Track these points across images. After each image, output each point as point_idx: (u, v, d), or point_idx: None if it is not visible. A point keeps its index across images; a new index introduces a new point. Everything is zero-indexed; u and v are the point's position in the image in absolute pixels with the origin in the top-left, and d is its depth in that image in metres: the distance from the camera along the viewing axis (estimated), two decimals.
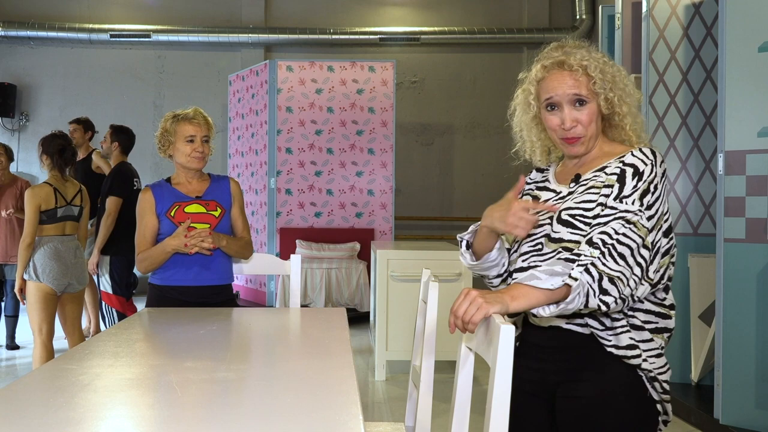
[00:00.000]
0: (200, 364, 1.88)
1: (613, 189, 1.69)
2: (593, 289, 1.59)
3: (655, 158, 1.73)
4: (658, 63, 4.71)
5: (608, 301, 1.60)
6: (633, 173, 1.70)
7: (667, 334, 1.78)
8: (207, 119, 3.01)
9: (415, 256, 5.00)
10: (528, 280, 1.59)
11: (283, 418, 1.42)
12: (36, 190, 4.08)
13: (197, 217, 2.92)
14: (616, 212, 1.66)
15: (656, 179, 1.70)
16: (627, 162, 1.72)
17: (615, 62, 1.82)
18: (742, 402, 3.68)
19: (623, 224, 1.64)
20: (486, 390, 1.47)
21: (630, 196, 1.67)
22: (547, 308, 1.60)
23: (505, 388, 1.42)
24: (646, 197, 1.68)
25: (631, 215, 1.65)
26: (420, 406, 2.16)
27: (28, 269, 4.03)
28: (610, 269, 1.60)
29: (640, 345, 1.71)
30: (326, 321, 2.62)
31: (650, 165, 1.71)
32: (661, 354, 1.75)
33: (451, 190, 9.52)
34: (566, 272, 1.58)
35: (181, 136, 2.93)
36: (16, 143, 9.07)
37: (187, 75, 9.40)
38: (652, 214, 1.68)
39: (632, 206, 1.66)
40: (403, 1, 9.54)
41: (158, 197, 2.94)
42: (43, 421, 1.37)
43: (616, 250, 1.61)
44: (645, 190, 1.68)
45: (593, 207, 1.71)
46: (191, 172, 2.98)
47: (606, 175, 1.73)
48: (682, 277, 4.61)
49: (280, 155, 7.44)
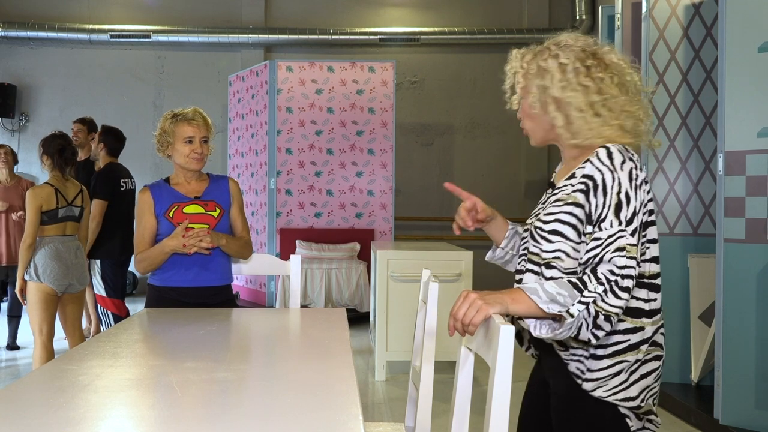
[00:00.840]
0: (200, 364, 1.88)
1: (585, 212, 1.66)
2: (587, 323, 1.58)
3: (613, 160, 1.66)
4: (658, 63, 4.71)
5: (599, 335, 1.60)
6: (594, 188, 1.65)
7: (644, 345, 1.70)
8: (206, 119, 2.99)
9: (415, 257, 5.00)
10: (529, 292, 1.59)
11: (283, 418, 1.42)
12: (37, 190, 4.07)
13: (196, 218, 2.91)
14: (601, 242, 1.61)
15: (623, 186, 1.63)
16: (586, 174, 1.68)
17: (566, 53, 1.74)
18: (742, 402, 3.68)
19: (619, 255, 1.59)
20: (486, 390, 1.47)
21: (605, 218, 1.62)
22: (538, 329, 1.61)
23: (505, 388, 1.42)
24: (622, 212, 1.62)
25: (615, 239, 1.60)
26: (420, 407, 2.16)
27: (29, 270, 4.03)
28: (610, 306, 1.57)
29: (585, 375, 1.69)
30: (326, 321, 2.62)
31: (609, 172, 1.65)
32: (615, 375, 1.68)
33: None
34: (567, 305, 1.56)
35: (179, 137, 2.91)
36: (16, 144, 9.07)
37: (187, 75, 9.40)
38: (636, 227, 1.63)
39: (611, 229, 1.61)
40: (403, 1, 9.54)
41: (156, 198, 2.93)
42: (43, 421, 1.37)
43: (618, 286, 1.58)
44: (617, 204, 1.62)
45: (551, 221, 1.71)
46: (190, 172, 2.98)
47: (571, 188, 1.70)
48: (682, 277, 4.61)
49: (280, 156, 7.44)
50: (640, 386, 1.69)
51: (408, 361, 4.05)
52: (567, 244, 1.69)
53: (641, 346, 1.69)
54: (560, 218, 1.70)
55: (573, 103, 1.72)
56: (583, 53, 1.74)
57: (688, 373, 4.61)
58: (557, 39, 1.80)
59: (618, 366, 1.68)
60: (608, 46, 1.80)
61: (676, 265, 4.65)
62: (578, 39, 1.78)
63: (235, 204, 3.04)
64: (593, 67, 1.73)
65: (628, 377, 1.68)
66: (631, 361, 1.68)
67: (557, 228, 1.70)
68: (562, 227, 1.70)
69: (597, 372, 1.68)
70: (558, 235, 1.70)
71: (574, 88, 1.72)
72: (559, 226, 1.70)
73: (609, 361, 1.68)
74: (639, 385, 1.69)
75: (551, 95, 1.74)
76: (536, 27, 9.42)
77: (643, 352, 1.69)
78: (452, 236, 9.24)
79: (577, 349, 1.70)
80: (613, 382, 1.68)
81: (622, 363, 1.68)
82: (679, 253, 4.64)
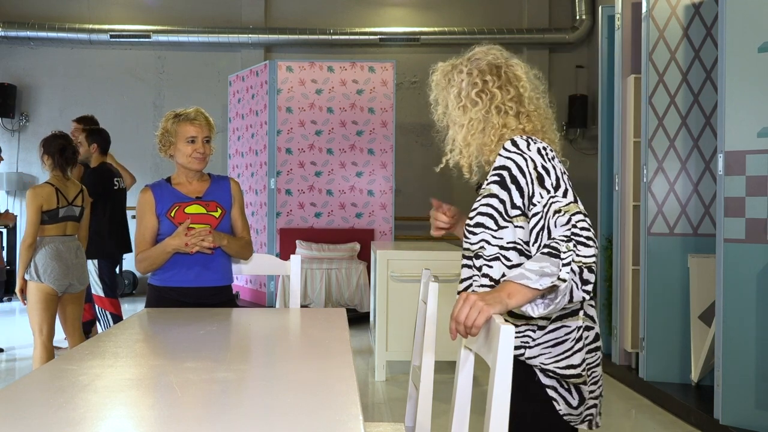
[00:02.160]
0: (200, 364, 1.88)
1: (504, 199, 1.78)
2: (576, 283, 1.63)
3: (518, 146, 1.79)
4: (658, 63, 4.71)
5: (589, 289, 1.65)
6: (510, 175, 1.78)
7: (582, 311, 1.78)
8: (208, 119, 2.99)
9: (415, 257, 5.00)
10: (518, 279, 1.62)
11: (283, 418, 1.42)
12: (37, 190, 4.07)
13: (197, 218, 2.91)
14: (540, 215, 1.71)
15: (538, 161, 1.75)
16: (498, 165, 1.81)
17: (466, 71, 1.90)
18: (742, 402, 3.68)
19: (559, 215, 1.68)
20: (486, 390, 1.47)
21: (534, 194, 1.73)
22: (536, 309, 1.64)
23: (505, 387, 1.42)
24: (546, 182, 1.73)
25: (549, 206, 1.70)
26: (420, 407, 2.16)
27: (30, 269, 4.03)
28: (586, 257, 1.63)
29: (529, 344, 1.76)
30: (326, 321, 2.62)
31: (519, 156, 1.78)
32: (559, 342, 1.76)
33: (450, 191, 9.52)
34: (555, 273, 1.60)
35: (182, 137, 2.91)
36: (16, 143, 9.08)
37: (187, 75, 9.40)
38: (565, 188, 1.72)
39: (543, 199, 1.71)
40: (403, 1, 9.54)
41: (158, 197, 2.93)
42: (43, 421, 1.37)
43: (580, 236, 1.65)
44: (538, 177, 1.74)
45: (474, 215, 1.85)
46: (192, 172, 2.98)
47: (486, 183, 1.84)
48: (682, 277, 4.61)
49: (280, 155, 7.44)
50: (581, 355, 1.77)
51: (408, 361, 4.05)
52: (487, 233, 1.81)
53: (579, 312, 1.78)
54: (480, 211, 1.83)
55: (457, 122, 1.90)
56: (487, 67, 1.88)
57: (688, 373, 4.61)
58: (472, 51, 1.94)
59: (559, 332, 1.76)
60: (516, 60, 1.93)
61: (676, 265, 4.65)
62: (489, 52, 1.92)
63: (236, 204, 3.04)
64: (490, 82, 1.87)
65: (573, 345, 1.76)
66: (572, 327, 1.76)
67: (479, 220, 1.83)
68: (482, 218, 1.83)
69: (540, 338, 1.76)
70: (480, 226, 1.83)
71: (464, 105, 1.89)
72: (480, 218, 1.83)
73: (552, 325, 1.77)
74: (581, 354, 1.77)
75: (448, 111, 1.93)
76: (536, 27, 9.43)
77: (582, 319, 1.78)
78: (452, 236, 9.24)
79: (522, 326, 1.77)
80: (556, 350, 1.75)
81: (562, 329, 1.76)
82: (679, 253, 4.64)
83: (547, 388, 1.77)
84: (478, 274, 1.83)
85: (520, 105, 1.87)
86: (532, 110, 1.87)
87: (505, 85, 1.86)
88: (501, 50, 1.93)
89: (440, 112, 1.96)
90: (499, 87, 1.86)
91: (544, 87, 1.94)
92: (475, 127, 1.86)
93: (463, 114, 1.88)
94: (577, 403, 1.78)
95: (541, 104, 1.90)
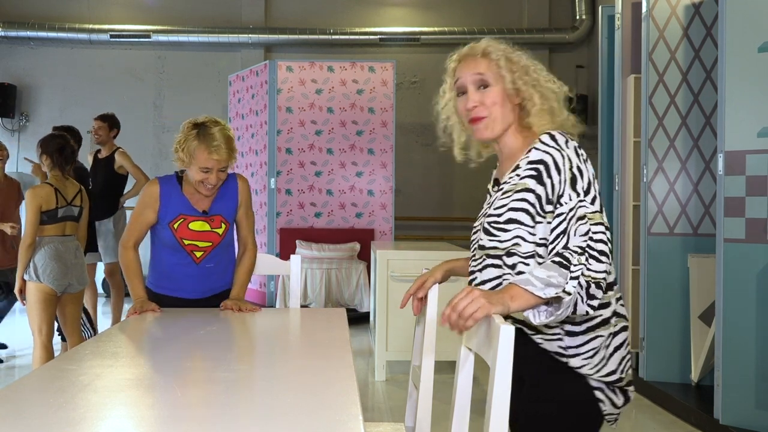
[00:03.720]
0: (200, 364, 1.88)
1: (539, 195, 1.72)
2: (581, 296, 1.61)
3: (557, 141, 1.74)
4: (658, 63, 4.71)
5: (594, 304, 1.63)
6: (546, 170, 1.72)
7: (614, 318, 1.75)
8: (231, 147, 2.72)
9: (415, 257, 5.00)
10: (524, 284, 1.60)
11: (283, 418, 1.42)
12: (37, 190, 4.06)
13: (201, 236, 2.80)
14: (564, 216, 1.68)
15: (574, 161, 1.71)
16: (534, 159, 1.75)
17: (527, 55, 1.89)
18: (742, 402, 3.68)
19: (582, 223, 1.65)
20: (486, 390, 1.47)
21: (564, 193, 1.69)
22: (538, 317, 1.62)
23: (505, 387, 1.42)
24: (578, 184, 1.69)
25: (575, 210, 1.67)
26: (420, 407, 2.16)
27: (29, 270, 4.02)
28: (596, 272, 1.61)
29: (567, 351, 1.72)
30: (326, 321, 2.62)
31: (557, 152, 1.73)
32: (596, 352, 1.72)
33: (450, 191, 9.52)
34: (561, 285, 1.59)
35: (198, 161, 2.67)
36: (16, 143, 9.07)
37: (187, 75, 9.39)
38: (594, 195, 1.70)
39: (571, 202, 1.68)
40: (403, 1, 9.54)
41: (164, 199, 2.78)
42: (43, 421, 1.37)
43: (595, 250, 1.62)
44: (572, 178, 1.70)
45: (504, 211, 1.76)
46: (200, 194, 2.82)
47: (518, 178, 1.76)
48: (682, 277, 4.61)
49: (280, 155, 7.44)
50: (617, 358, 1.74)
51: (408, 361, 4.05)
52: (522, 229, 1.74)
53: (611, 320, 1.75)
54: (513, 206, 1.75)
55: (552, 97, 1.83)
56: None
57: (688, 373, 4.61)
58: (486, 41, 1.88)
59: (595, 342, 1.72)
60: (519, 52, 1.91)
61: (676, 265, 4.64)
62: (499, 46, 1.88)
63: (243, 206, 2.90)
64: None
65: (605, 352, 1.73)
66: (605, 336, 1.73)
67: (512, 216, 1.75)
68: (516, 214, 1.74)
69: (578, 348, 1.72)
70: (513, 222, 1.75)
71: (552, 81, 1.85)
72: (513, 214, 1.75)
73: (585, 337, 1.72)
74: (616, 358, 1.74)
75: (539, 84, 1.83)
76: (536, 27, 9.43)
77: (613, 325, 1.75)
78: (452, 236, 9.25)
79: (553, 328, 1.73)
80: (594, 360, 1.72)
81: (597, 339, 1.72)
82: (679, 253, 4.64)
83: (595, 390, 1.74)
84: (511, 273, 1.75)
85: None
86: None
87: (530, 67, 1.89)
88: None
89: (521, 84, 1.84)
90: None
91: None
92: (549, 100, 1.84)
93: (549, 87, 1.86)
94: (622, 402, 1.77)
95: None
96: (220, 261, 2.89)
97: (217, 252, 2.86)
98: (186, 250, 2.81)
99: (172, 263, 2.83)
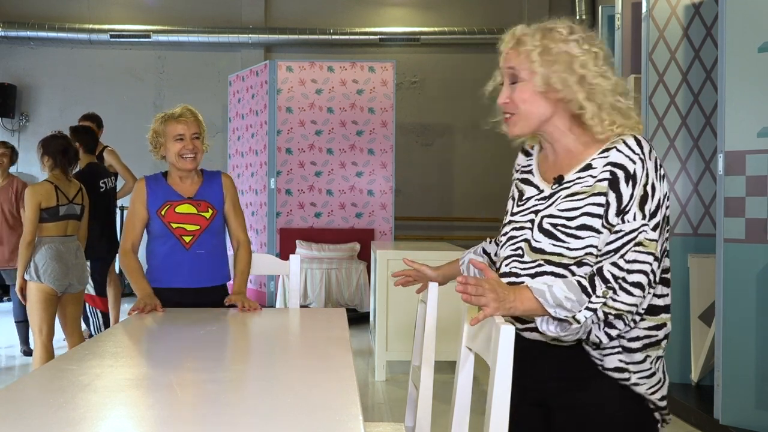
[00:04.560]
0: (200, 364, 1.88)
1: (609, 202, 1.56)
2: (599, 324, 1.55)
3: (643, 149, 1.57)
4: (658, 63, 4.71)
5: (612, 334, 1.56)
6: (625, 178, 1.55)
7: (665, 341, 1.67)
8: (196, 116, 2.96)
9: (415, 257, 4.96)
10: (537, 294, 1.51)
11: (283, 418, 1.42)
12: (36, 187, 4.07)
13: (188, 218, 2.89)
14: (621, 235, 1.54)
15: (651, 177, 1.55)
16: (615, 162, 1.57)
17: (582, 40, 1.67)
18: (742, 402, 3.68)
19: (631, 248, 1.53)
20: (486, 390, 1.47)
21: (629, 210, 1.54)
22: (548, 327, 1.54)
23: (505, 387, 1.42)
24: (647, 204, 1.54)
25: (636, 234, 1.53)
26: (420, 407, 2.16)
27: (29, 269, 4.02)
28: (623, 304, 1.51)
29: (629, 367, 1.61)
30: (326, 321, 2.62)
31: (640, 162, 1.55)
32: (653, 373, 1.63)
33: (450, 191, 9.52)
34: (573, 311, 1.50)
35: (170, 136, 2.88)
36: (16, 143, 9.06)
37: (187, 75, 9.39)
38: (658, 222, 1.55)
39: (635, 222, 1.53)
40: (403, 1, 9.54)
41: (151, 191, 2.92)
42: (43, 421, 1.37)
43: (628, 282, 1.51)
44: (643, 196, 1.54)
45: (577, 215, 1.58)
46: (184, 171, 2.95)
47: (593, 179, 1.59)
48: (682, 277, 4.61)
49: (280, 155, 7.44)
50: (664, 382, 1.67)
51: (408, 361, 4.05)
52: (596, 238, 1.57)
53: (662, 342, 1.65)
54: (588, 211, 1.57)
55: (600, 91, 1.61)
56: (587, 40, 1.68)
57: (688, 373, 4.61)
58: (546, 24, 1.73)
59: (648, 361, 1.62)
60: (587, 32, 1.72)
61: (676, 265, 4.64)
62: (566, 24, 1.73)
63: (228, 200, 3.00)
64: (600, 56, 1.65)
65: (661, 375, 1.65)
66: (653, 357, 1.63)
67: (587, 222, 1.57)
68: (592, 220, 1.57)
69: (637, 365, 1.60)
70: (587, 229, 1.57)
71: (604, 74, 1.62)
72: (589, 220, 1.57)
73: (641, 355, 1.61)
74: (664, 382, 1.67)
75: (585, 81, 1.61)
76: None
77: (663, 348, 1.65)
78: (452, 236, 9.24)
79: (611, 341, 1.59)
80: (651, 381, 1.63)
81: (649, 358, 1.62)
82: (679, 253, 4.64)
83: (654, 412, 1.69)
84: None
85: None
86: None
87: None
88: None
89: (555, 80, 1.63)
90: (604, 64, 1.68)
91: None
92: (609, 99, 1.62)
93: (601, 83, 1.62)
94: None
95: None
96: (211, 249, 2.93)
97: (206, 238, 2.92)
98: (175, 234, 2.88)
99: (164, 254, 2.91)
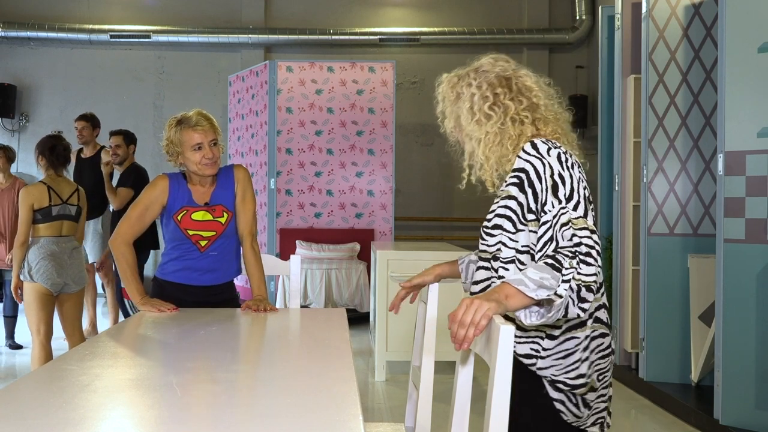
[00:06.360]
0: (200, 364, 1.88)
1: (521, 202, 1.77)
2: (572, 299, 1.62)
3: (539, 150, 1.77)
4: (658, 63, 4.71)
5: (585, 307, 1.64)
6: (527, 178, 1.76)
7: (589, 321, 1.76)
8: (211, 121, 2.89)
9: (415, 257, 5.00)
10: (517, 284, 1.60)
11: (284, 418, 1.42)
12: (29, 188, 4.11)
13: (204, 225, 2.87)
14: (549, 224, 1.71)
15: (555, 168, 1.73)
16: (516, 167, 1.80)
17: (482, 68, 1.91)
18: (742, 402, 3.68)
19: (565, 229, 1.67)
20: (486, 390, 1.47)
21: (546, 201, 1.72)
22: (529, 318, 1.63)
23: (505, 387, 1.42)
24: (560, 192, 1.71)
25: (562, 217, 1.68)
26: (420, 407, 2.16)
27: (23, 269, 4.04)
28: (586, 276, 1.62)
29: (540, 353, 1.75)
30: (326, 321, 2.62)
31: (537, 160, 1.76)
32: (569, 353, 1.74)
33: (451, 191, 9.51)
34: (554, 287, 1.59)
35: (187, 145, 2.82)
36: (16, 144, 9.07)
37: (187, 75, 9.39)
38: (577, 201, 1.70)
39: (554, 209, 1.70)
40: (403, 1, 9.54)
41: (172, 193, 2.87)
42: (43, 421, 1.37)
43: (583, 254, 1.63)
44: (553, 185, 1.72)
45: (492, 217, 1.85)
46: (205, 177, 2.91)
47: (505, 185, 1.83)
48: (682, 277, 4.61)
49: (279, 156, 7.44)
50: (588, 364, 1.76)
51: (408, 361, 4.06)
52: (504, 235, 1.81)
53: (587, 322, 1.76)
54: (498, 212, 1.83)
55: (474, 136, 1.87)
56: (496, 80, 1.86)
57: (688, 373, 4.61)
58: (479, 63, 1.93)
59: (569, 343, 1.75)
60: (525, 70, 1.91)
61: (676, 265, 4.64)
62: (496, 64, 1.90)
63: (239, 192, 2.94)
64: (501, 95, 1.84)
65: (581, 355, 1.75)
66: (580, 338, 1.75)
67: (497, 222, 1.83)
68: (501, 220, 1.82)
69: (552, 349, 1.75)
70: (498, 228, 1.83)
71: (478, 119, 1.85)
72: (498, 220, 1.83)
73: (562, 336, 1.75)
74: (588, 362, 1.76)
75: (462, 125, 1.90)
76: (536, 27, 9.43)
77: (590, 328, 1.77)
78: (452, 236, 9.25)
79: (531, 331, 1.76)
80: (566, 361, 1.74)
81: (572, 340, 1.75)
82: (679, 253, 4.64)
83: (555, 402, 1.75)
84: (495, 276, 1.83)
85: (535, 113, 1.83)
86: (551, 116, 1.85)
87: (517, 96, 1.84)
88: (508, 60, 1.91)
89: (450, 126, 1.93)
90: (511, 99, 1.83)
91: (556, 91, 1.90)
92: (492, 140, 1.83)
93: (478, 128, 1.85)
94: (585, 412, 1.77)
95: (558, 109, 1.88)
96: (224, 250, 2.93)
97: (221, 241, 2.92)
98: (191, 240, 2.87)
99: (178, 255, 2.90)
